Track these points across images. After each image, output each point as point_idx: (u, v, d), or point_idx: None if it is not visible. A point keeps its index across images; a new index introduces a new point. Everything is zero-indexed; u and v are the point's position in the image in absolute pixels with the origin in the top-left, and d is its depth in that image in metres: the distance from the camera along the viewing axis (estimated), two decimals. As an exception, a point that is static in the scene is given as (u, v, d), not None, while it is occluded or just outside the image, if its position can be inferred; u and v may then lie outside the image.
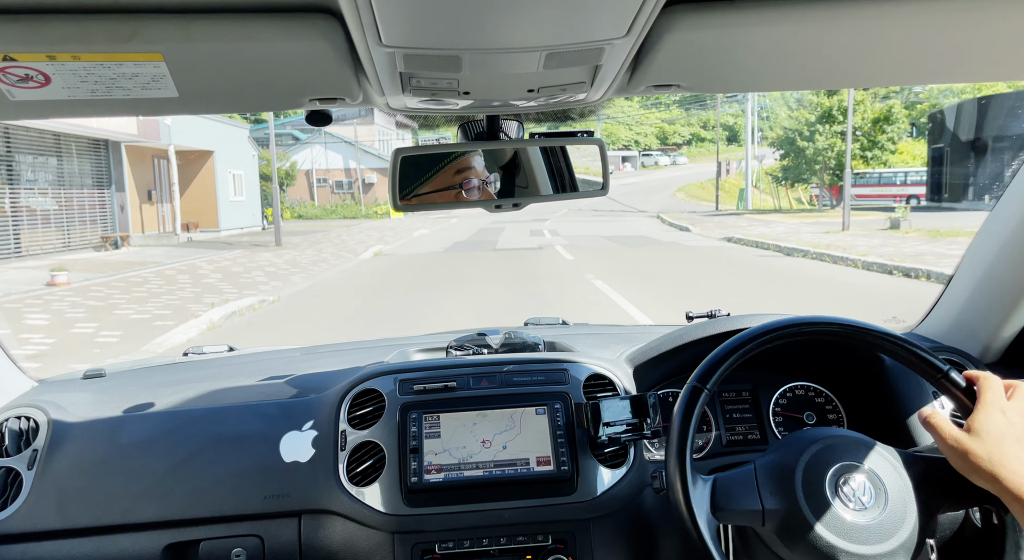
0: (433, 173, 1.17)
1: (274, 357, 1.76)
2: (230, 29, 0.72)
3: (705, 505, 1.05)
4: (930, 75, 0.97)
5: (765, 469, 1.09)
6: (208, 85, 0.83)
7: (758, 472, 1.09)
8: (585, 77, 0.88)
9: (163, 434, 1.35)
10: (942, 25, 0.78)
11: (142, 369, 1.71)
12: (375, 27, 0.68)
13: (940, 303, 1.69)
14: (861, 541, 1.00)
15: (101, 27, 0.70)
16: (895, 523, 1.02)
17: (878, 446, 1.09)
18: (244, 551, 1.27)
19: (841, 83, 1.01)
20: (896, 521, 1.02)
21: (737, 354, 1.10)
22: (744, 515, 1.07)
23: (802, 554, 1.03)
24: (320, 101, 0.92)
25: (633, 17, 0.68)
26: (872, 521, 1.02)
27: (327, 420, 1.35)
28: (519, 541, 1.26)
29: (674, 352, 1.45)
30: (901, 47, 0.83)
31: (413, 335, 1.99)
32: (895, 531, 1.01)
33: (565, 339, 1.64)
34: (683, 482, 1.04)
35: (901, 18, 0.75)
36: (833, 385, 1.53)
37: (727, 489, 1.08)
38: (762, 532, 1.09)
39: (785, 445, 1.12)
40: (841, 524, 1.01)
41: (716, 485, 1.08)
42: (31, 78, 0.76)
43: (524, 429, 1.31)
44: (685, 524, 1.03)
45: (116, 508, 1.26)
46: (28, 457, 1.31)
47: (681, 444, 1.07)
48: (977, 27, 0.78)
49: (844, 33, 0.78)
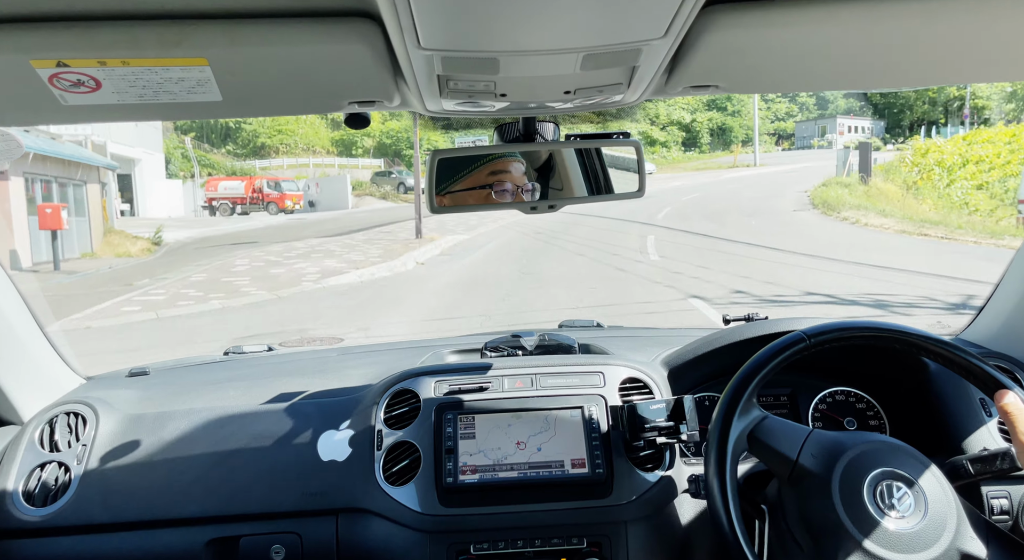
0: (467, 173, 1.17)
1: (311, 357, 1.79)
2: (272, 33, 0.73)
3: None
4: (978, 73, 0.94)
5: (819, 436, 1.09)
6: (250, 89, 0.85)
7: (811, 434, 1.09)
8: (622, 78, 0.87)
9: (205, 432, 1.38)
10: (988, 22, 0.76)
11: (184, 368, 1.75)
12: (414, 30, 0.68)
13: (987, 308, 1.64)
14: (891, 547, 0.98)
15: (149, 33, 0.72)
16: (933, 535, 0.99)
17: (921, 458, 1.07)
18: (283, 548, 1.29)
19: (884, 83, 0.99)
20: (934, 533, 0.99)
21: (780, 359, 1.10)
22: (776, 456, 1.08)
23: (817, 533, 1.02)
24: (359, 104, 0.93)
25: (671, 18, 0.68)
26: (908, 529, 0.99)
27: (364, 420, 1.37)
28: (554, 543, 1.26)
29: (711, 355, 1.44)
30: (945, 45, 0.81)
31: (449, 336, 2.00)
32: (932, 542, 0.98)
33: (600, 341, 1.64)
34: (722, 487, 1.03)
35: (944, 15, 0.74)
36: (875, 391, 1.50)
37: (773, 428, 1.09)
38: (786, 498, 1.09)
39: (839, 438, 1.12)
40: (877, 528, 0.99)
41: (766, 420, 1.10)
42: (83, 84, 0.79)
43: (559, 431, 1.31)
44: (723, 530, 1.02)
45: (160, 503, 1.30)
46: (77, 452, 1.35)
47: (721, 449, 1.06)
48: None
49: (885, 32, 0.77)
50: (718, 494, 1.03)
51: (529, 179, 1.18)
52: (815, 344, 1.11)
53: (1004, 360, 1.49)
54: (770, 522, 1.11)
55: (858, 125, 60.99)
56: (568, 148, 1.19)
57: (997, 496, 1.29)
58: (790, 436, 1.09)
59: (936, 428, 1.38)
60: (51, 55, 0.73)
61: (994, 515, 1.28)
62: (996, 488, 1.29)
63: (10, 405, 1.44)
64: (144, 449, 1.36)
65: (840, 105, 64.31)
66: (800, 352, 1.11)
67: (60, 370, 1.60)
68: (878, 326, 1.11)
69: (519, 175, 1.18)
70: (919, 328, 1.11)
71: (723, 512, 1.02)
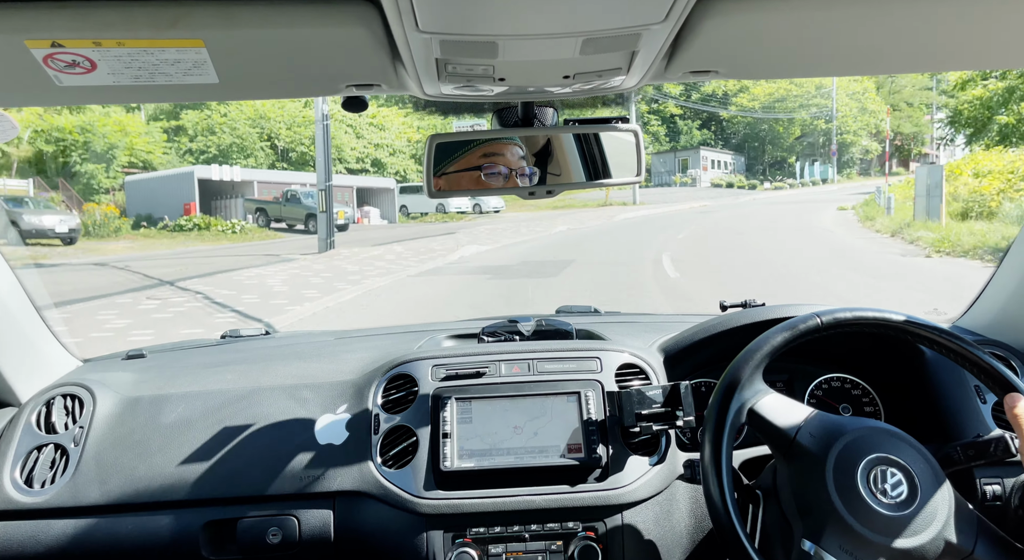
0: (460, 154, 1.17)
1: (308, 340, 1.79)
2: (270, 15, 0.73)
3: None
4: (978, 59, 0.94)
5: (820, 417, 1.10)
6: (247, 71, 0.84)
7: (812, 415, 1.10)
8: (622, 63, 0.87)
9: (202, 414, 1.38)
10: (989, 7, 0.75)
11: (181, 351, 1.75)
12: (412, 13, 0.68)
13: (984, 295, 1.64)
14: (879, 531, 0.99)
15: (145, 13, 0.71)
16: (922, 523, 0.99)
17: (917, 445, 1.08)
18: (280, 530, 1.29)
19: (886, 68, 0.98)
20: (924, 521, 0.99)
21: (791, 338, 1.11)
22: (775, 432, 1.09)
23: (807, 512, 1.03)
24: (357, 87, 0.92)
25: (672, 2, 0.67)
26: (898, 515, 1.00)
27: (361, 404, 1.37)
28: (549, 528, 1.27)
29: (708, 341, 1.44)
30: (946, 30, 0.81)
31: (446, 321, 2.00)
32: (920, 530, 0.99)
33: (597, 327, 1.64)
34: (718, 474, 1.04)
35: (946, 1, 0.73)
36: (870, 377, 1.50)
37: (775, 405, 1.10)
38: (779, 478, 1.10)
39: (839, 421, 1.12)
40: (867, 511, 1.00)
41: (769, 396, 1.11)
42: (77, 64, 0.78)
43: (555, 416, 1.31)
44: (718, 514, 1.03)
45: (157, 486, 1.30)
46: (74, 434, 1.36)
47: (720, 422, 1.07)
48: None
49: (887, 16, 0.76)
50: (712, 474, 1.04)
51: (528, 164, 1.18)
52: (827, 327, 1.12)
53: (1000, 347, 1.50)
54: (764, 507, 1.12)
55: (722, 159, 55.15)
56: (567, 133, 1.19)
57: (990, 482, 1.30)
58: (791, 414, 1.10)
59: (930, 414, 1.39)
60: (45, 35, 0.72)
61: (987, 501, 1.29)
62: (989, 474, 1.30)
63: (8, 387, 1.44)
64: (141, 431, 1.36)
65: (695, 136, 57.76)
66: (812, 334, 1.12)
67: (57, 352, 1.60)
68: (892, 317, 1.12)
69: (515, 159, 1.17)
70: (931, 320, 1.12)
71: (717, 492, 1.03)
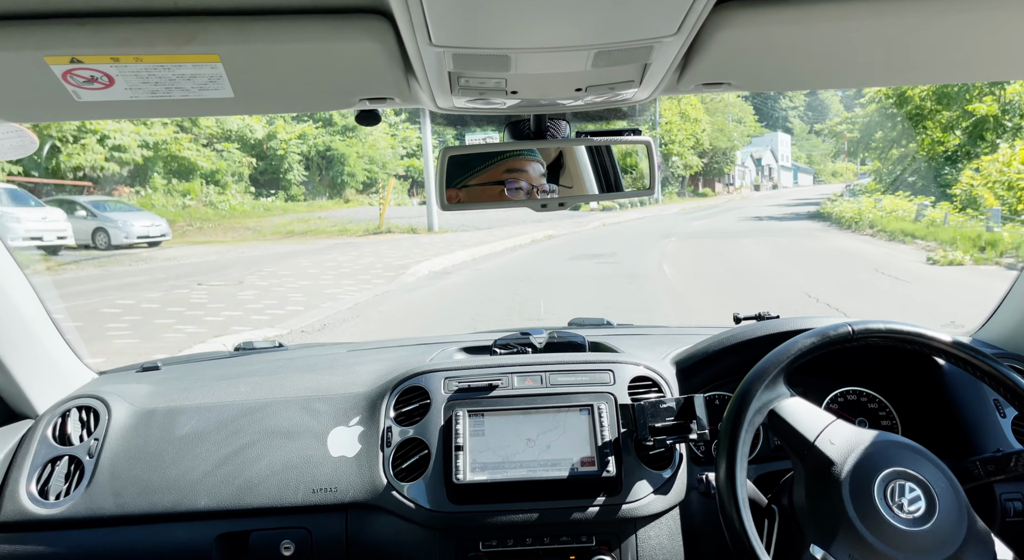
0: (483, 168, 1.17)
1: (321, 353, 1.79)
2: (284, 30, 0.74)
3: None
4: (990, 71, 0.93)
5: (841, 427, 1.09)
6: (262, 86, 0.85)
7: (833, 423, 1.10)
8: (634, 76, 0.87)
9: (215, 427, 1.38)
10: (1002, 19, 0.75)
11: (195, 363, 1.76)
12: (425, 27, 0.68)
13: (1002, 308, 1.62)
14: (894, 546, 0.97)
15: (162, 29, 0.72)
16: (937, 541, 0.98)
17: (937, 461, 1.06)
18: (293, 543, 1.29)
19: (896, 80, 0.98)
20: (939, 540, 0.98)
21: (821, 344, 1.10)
22: (794, 436, 1.08)
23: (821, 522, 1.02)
24: (370, 101, 0.93)
25: (684, 15, 0.67)
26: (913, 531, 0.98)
27: (373, 416, 1.37)
28: (563, 541, 1.25)
29: (722, 354, 1.43)
30: (957, 42, 0.80)
31: (458, 334, 2.00)
32: (936, 548, 0.97)
33: (609, 339, 1.63)
34: (732, 489, 1.03)
35: (956, 12, 0.73)
36: (887, 390, 1.49)
37: (798, 408, 1.10)
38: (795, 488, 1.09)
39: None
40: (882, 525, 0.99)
41: (791, 399, 1.11)
42: (96, 80, 0.79)
43: (568, 429, 1.30)
44: (733, 528, 1.01)
45: (171, 497, 1.30)
46: (90, 446, 1.36)
47: (732, 444, 1.05)
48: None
49: (898, 29, 0.76)
50: (727, 489, 1.03)
51: (547, 181, 1.18)
52: (858, 336, 1.12)
53: (1020, 361, 1.47)
54: (780, 522, 1.11)
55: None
56: (579, 145, 1.19)
57: (1011, 497, 1.27)
58: (813, 420, 1.10)
59: (948, 428, 1.37)
60: (65, 51, 0.74)
61: (1008, 517, 1.26)
62: (1010, 489, 1.27)
63: (25, 399, 1.45)
64: (155, 443, 1.37)
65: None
66: (842, 342, 1.11)
67: (73, 365, 1.61)
68: (926, 334, 1.12)
69: (536, 176, 1.18)
70: (963, 339, 1.12)
71: (732, 507, 1.02)
